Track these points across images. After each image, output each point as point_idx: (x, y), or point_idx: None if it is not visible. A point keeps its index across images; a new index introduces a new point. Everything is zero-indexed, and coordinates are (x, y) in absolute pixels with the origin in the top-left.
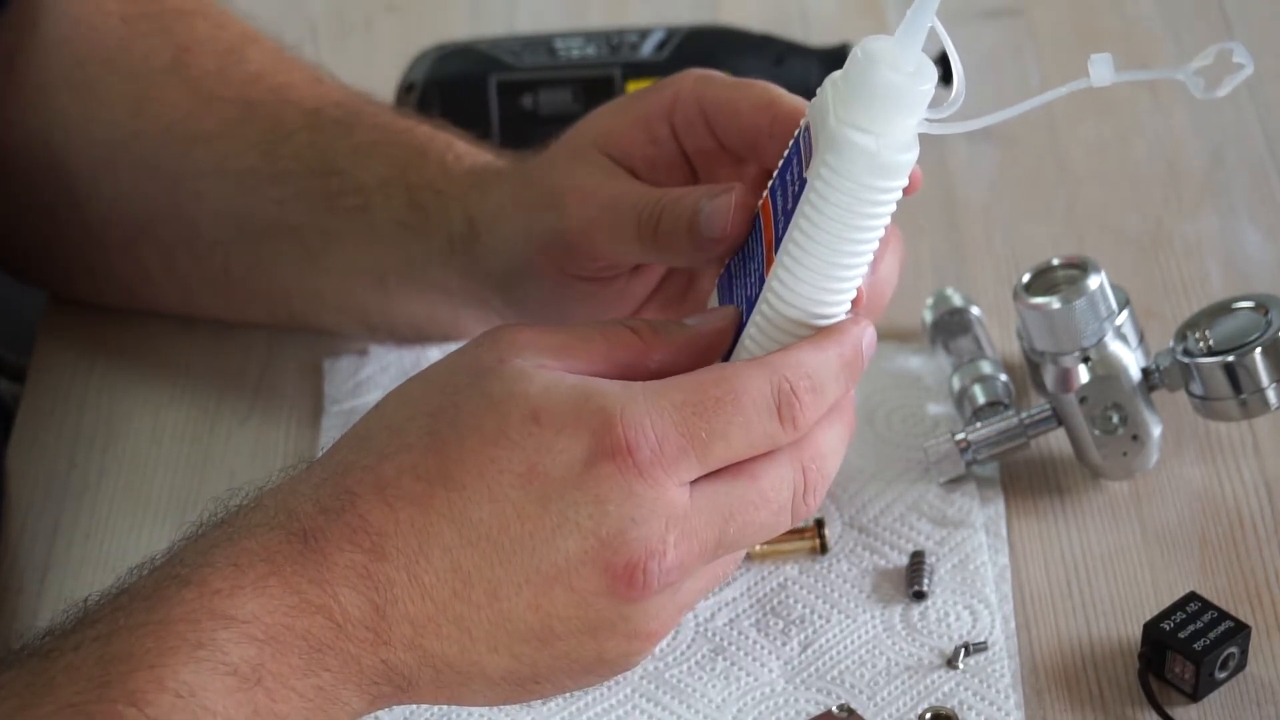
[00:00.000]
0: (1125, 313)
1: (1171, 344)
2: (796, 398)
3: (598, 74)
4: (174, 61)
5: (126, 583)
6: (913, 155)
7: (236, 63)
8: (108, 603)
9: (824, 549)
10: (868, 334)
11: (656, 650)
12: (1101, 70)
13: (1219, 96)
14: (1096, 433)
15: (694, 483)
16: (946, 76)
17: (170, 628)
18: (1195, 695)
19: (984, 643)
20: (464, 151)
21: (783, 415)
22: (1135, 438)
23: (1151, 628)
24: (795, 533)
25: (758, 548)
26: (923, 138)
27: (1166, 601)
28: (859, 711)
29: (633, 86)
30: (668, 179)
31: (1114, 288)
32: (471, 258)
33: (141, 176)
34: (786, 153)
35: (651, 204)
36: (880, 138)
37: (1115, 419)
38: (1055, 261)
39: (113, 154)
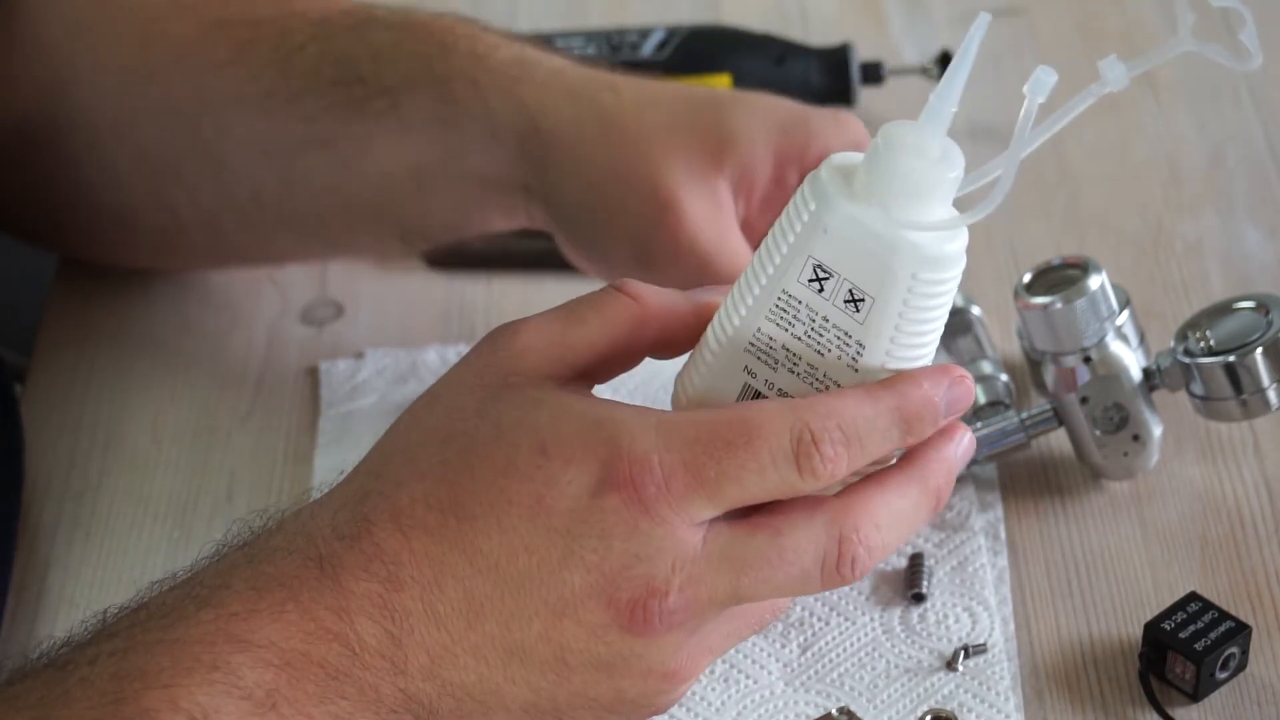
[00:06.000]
0: (1126, 312)
1: (1172, 344)
2: (818, 448)
3: None
4: None
5: (145, 597)
6: (844, 203)
7: None
8: (125, 617)
9: None
10: (950, 388)
11: None
12: (1116, 72)
13: (1256, 64)
14: (1097, 433)
15: (713, 525)
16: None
17: (186, 648)
18: (1196, 695)
19: (983, 644)
20: (495, 42)
21: (800, 464)
22: (1136, 438)
23: (1152, 628)
24: None
25: None
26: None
27: (1167, 601)
28: (858, 714)
29: None
30: (768, 217)
31: (1115, 287)
32: (526, 152)
33: (161, 114)
34: None
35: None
36: (885, 213)
37: (1116, 419)
38: (1056, 261)
39: (129, 97)
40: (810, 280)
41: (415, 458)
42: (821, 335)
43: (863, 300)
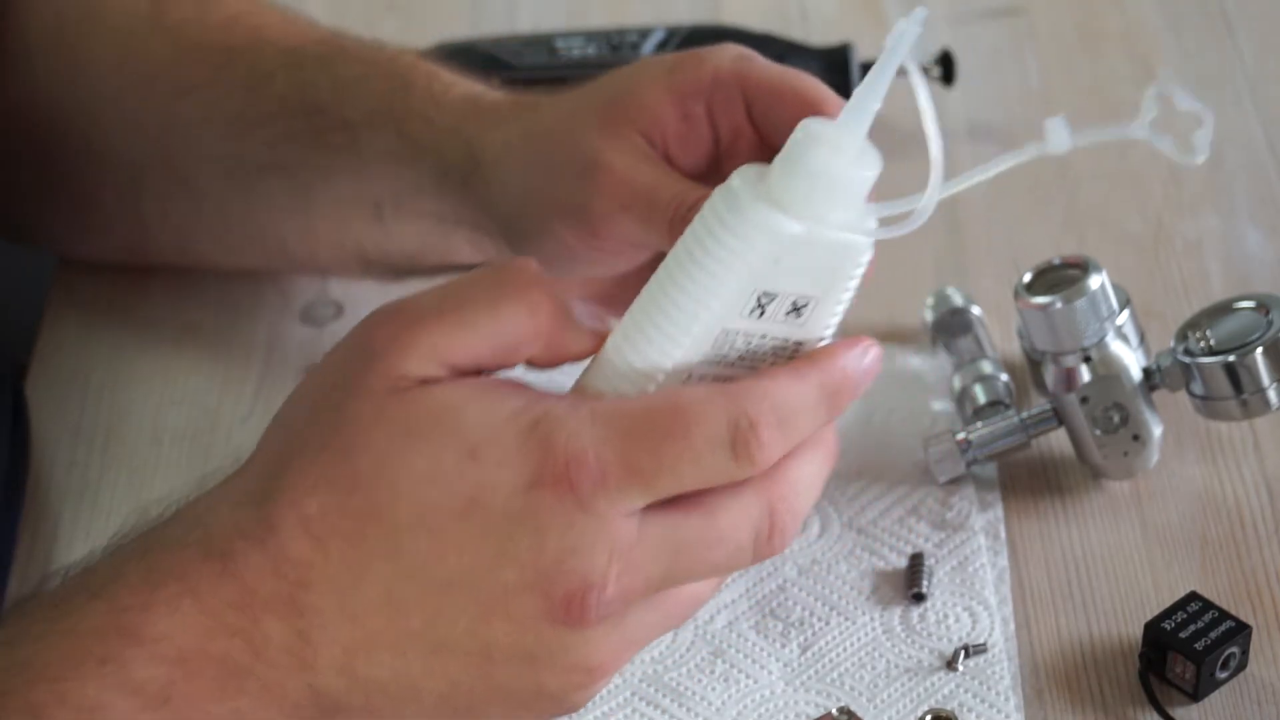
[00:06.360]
0: (1126, 312)
1: (1172, 344)
2: (755, 434)
3: (598, 74)
4: (152, 13)
5: (38, 589)
6: (799, 230)
7: (213, 7)
8: (15, 609)
9: None
10: (864, 357)
11: (656, 652)
12: (1059, 135)
13: (1200, 161)
14: (1097, 433)
15: (645, 511)
16: (948, 76)
17: (77, 640)
18: (1196, 695)
19: (984, 644)
20: (451, 80)
21: (738, 452)
22: (1136, 437)
23: (1152, 627)
24: None
25: None
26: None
27: (1167, 601)
28: (859, 714)
29: None
30: (693, 154)
31: (1115, 287)
32: (472, 190)
33: (130, 130)
34: None
35: (689, 203)
36: (791, 214)
37: (1116, 419)
38: (1056, 261)
39: (100, 111)
40: (753, 309)
41: (320, 463)
42: (759, 350)
43: (805, 306)
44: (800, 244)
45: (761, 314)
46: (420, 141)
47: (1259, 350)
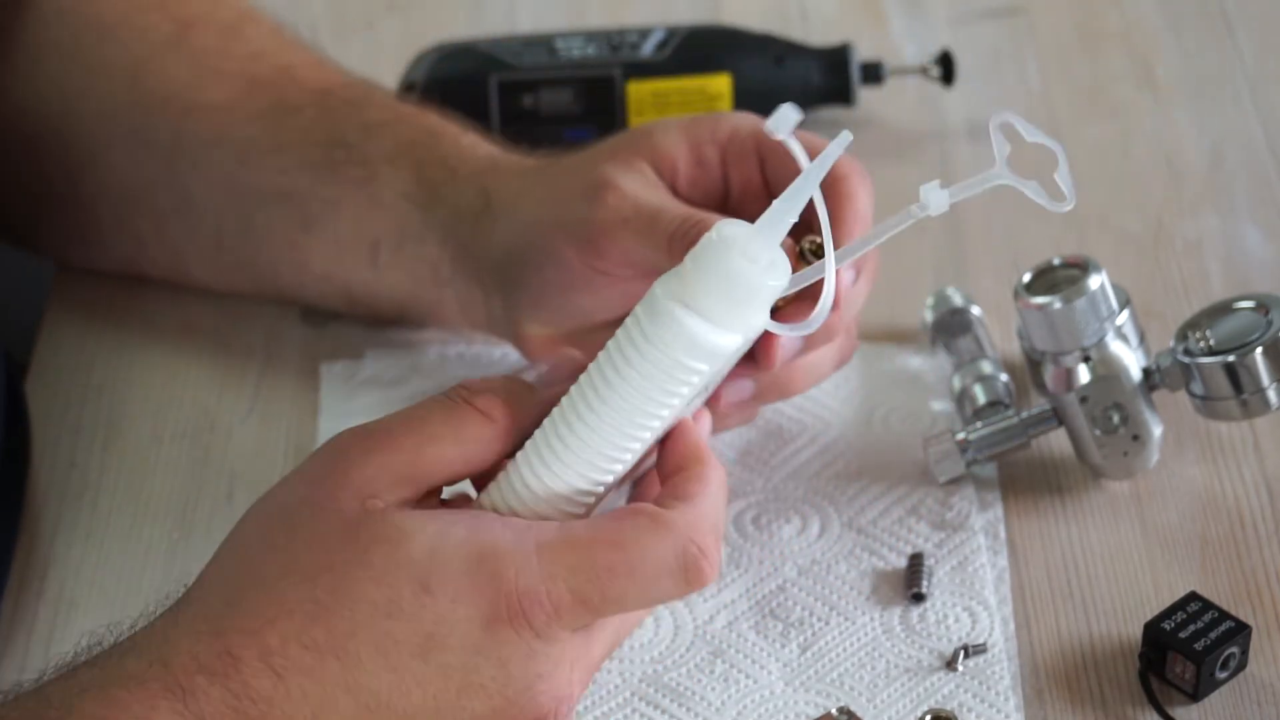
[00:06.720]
0: (1126, 312)
1: (1172, 344)
2: (706, 556)
3: (598, 74)
4: (174, 36)
5: None
6: (735, 340)
7: (236, 40)
8: None
9: None
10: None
11: (656, 652)
12: (936, 197)
13: (1068, 206)
14: (1097, 432)
15: None
16: (948, 76)
17: None
18: (1196, 695)
19: (983, 644)
20: (478, 140)
21: (690, 577)
22: (1136, 437)
23: (1152, 627)
24: None
25: None
26: (926, 133)
27: (1167, 601)
28: (858, 714)
29: (633, 86)
30: (702, 197)
31: (1115, 287)
32: (479, 232)
33: (137, 146)
34: None
35: (692, 221)
36: (707, 320)
37: (1116, 419)
38: (1056, 261)
39: (109, 125)
40: (682, 407)
41: (280, 593)
42: (668, 427)
43: (709, 385)
44: (733, 354)
45: (686, 405)
46: (439, 188)
47: (1259, 350)
